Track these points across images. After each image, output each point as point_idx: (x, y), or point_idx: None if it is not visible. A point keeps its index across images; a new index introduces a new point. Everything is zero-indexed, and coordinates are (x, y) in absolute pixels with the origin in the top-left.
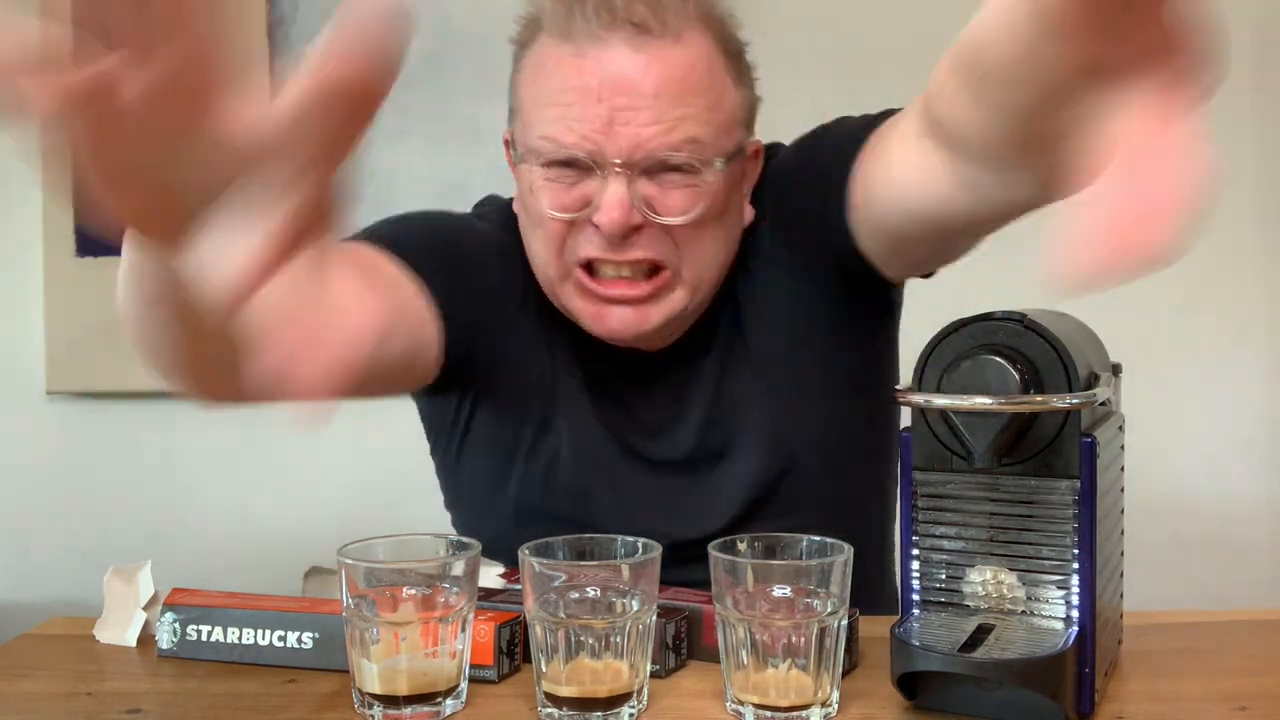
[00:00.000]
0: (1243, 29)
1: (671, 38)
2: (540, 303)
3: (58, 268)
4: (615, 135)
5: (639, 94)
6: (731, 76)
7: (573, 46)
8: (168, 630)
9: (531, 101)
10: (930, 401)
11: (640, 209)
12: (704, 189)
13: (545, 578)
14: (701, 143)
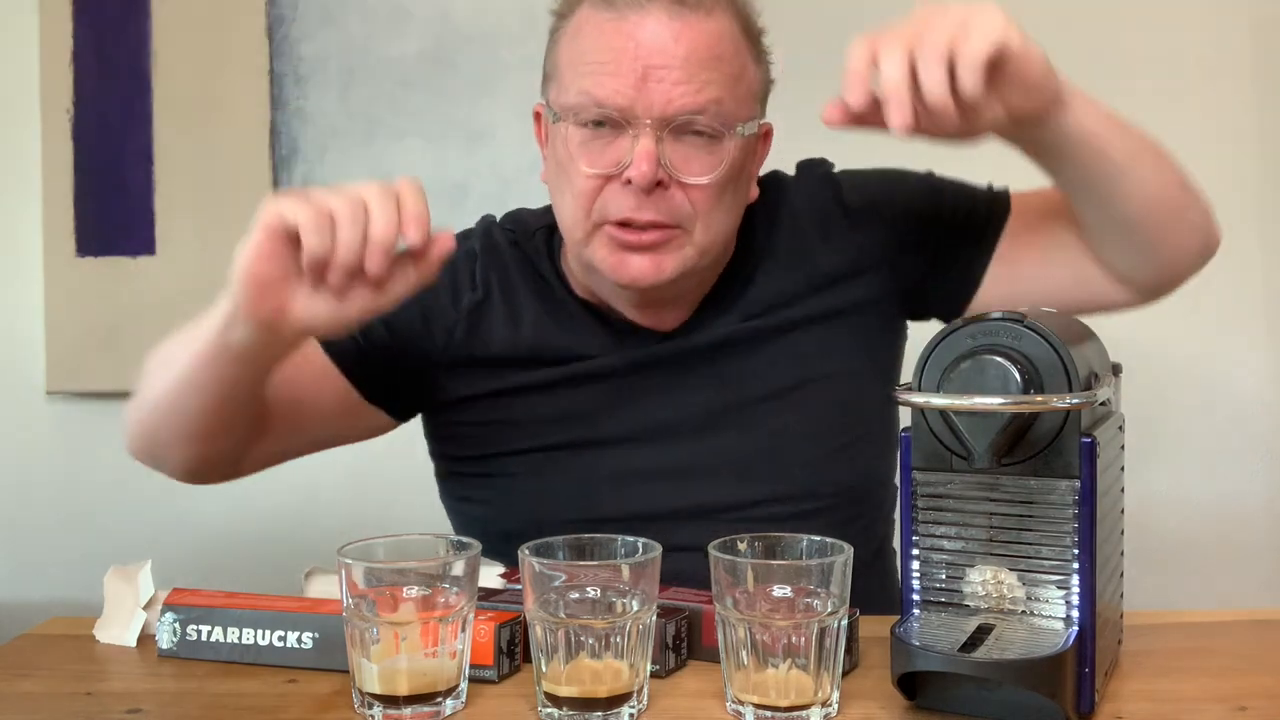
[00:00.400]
0: (1242, 29)
1: (704, 11)
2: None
3: (58, 268)
4: (648, 91)
5: (672, 55)
6: (752, 55)
7: (613, 12)
8: (168, 630)
9: (568, 63)
10: (930, 401)
11: (666, 167)
12: (723, 153)
13: (545, 578)
14: (724, 105)
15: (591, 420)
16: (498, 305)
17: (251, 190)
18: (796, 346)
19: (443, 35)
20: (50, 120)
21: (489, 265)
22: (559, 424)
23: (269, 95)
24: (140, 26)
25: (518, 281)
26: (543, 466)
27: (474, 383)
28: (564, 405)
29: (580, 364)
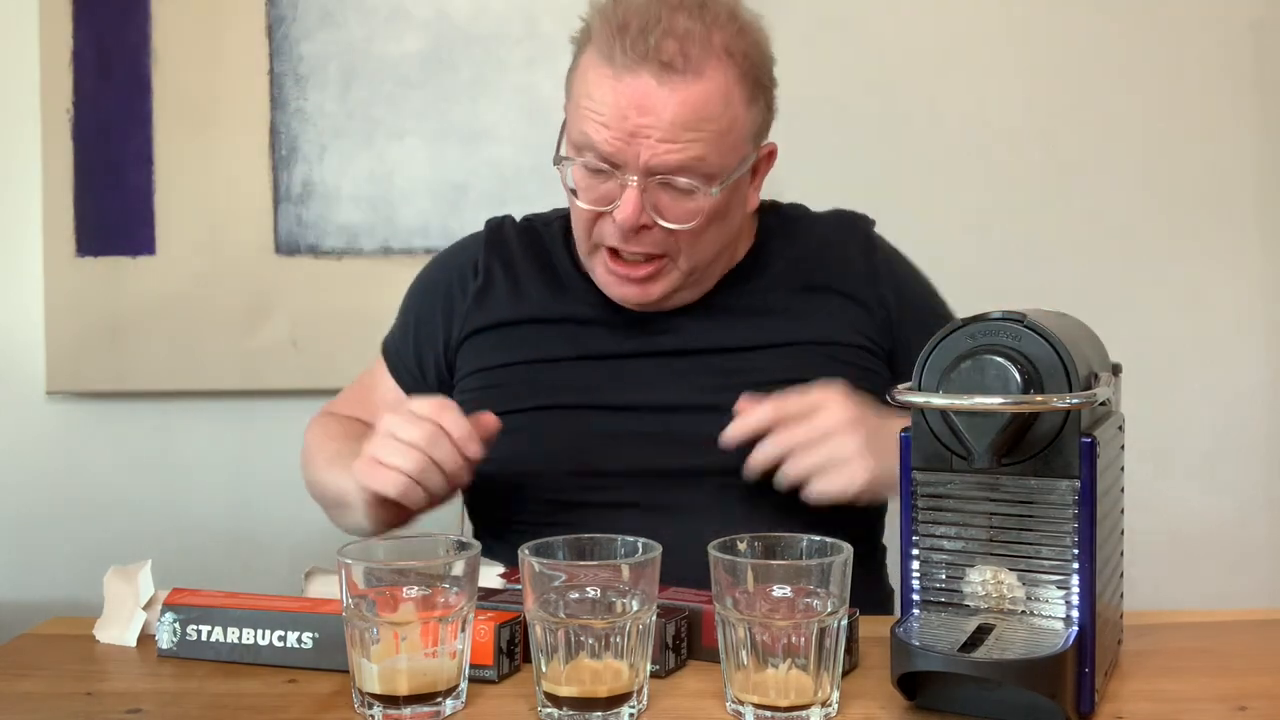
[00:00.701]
0: (1242, 29)
1: (693, 74)
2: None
3: (58, 268)
4: (635, 147)
5: (658, 118)
6: (746, 100)
7: (611, 69)
8: (167, 630)
9: (575, 98)
10: (930, 401)
11: (649, 213)
12: (703, 204)
13: (545, 578)
14: (706, 161)
15: (590, 390)
16: (500, 283)
17: (251, 190)
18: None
19: (443, 35)
20: (50, 120)
21: (491, 253)
22: (560, 391)
23: (269, 95)
24: (140, 26)
25: (521, 260)
26: (544, 423)
27: (484, 354)
28: (565, 376)
29: (580, 339)
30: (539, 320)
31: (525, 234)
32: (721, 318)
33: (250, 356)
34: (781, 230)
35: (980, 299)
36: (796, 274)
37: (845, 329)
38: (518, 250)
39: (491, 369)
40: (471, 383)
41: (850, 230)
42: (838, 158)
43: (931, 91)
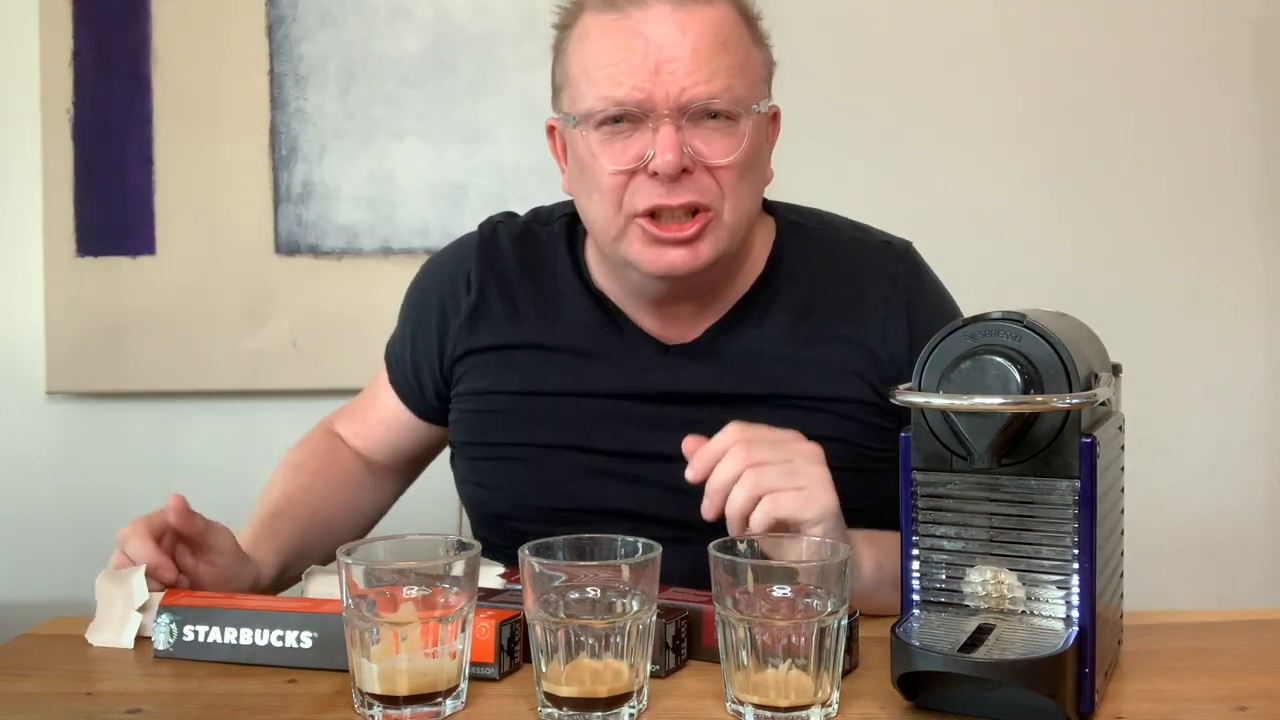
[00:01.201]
0: (1243, 29)
1: (705, 1)
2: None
3: (58, 268)
4: (662, 83)
5: (680, 47)
6: (753, 39)
7: (617, 13)
8: (164, 631)
9: (580, 70)
10: (930, 401)
11: (689, 154)
12: (741, 134)
13: (545, 578)
14: (735, 90)
15: (584, 431)
16: (495, 300)
17: (251, 190)
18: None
19: (443, 35)
20: (50, 120)
21: (484, 266)
22: (553, 428)
23: (269, 95)
24: (140, 26)
25: (517, 276)
26: (531, 459)
27: (478, 376)
28: (558, 413)
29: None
30: (535, 347)
31: (523, 242)
32: (721, 362)
33: (250, 356)
34: (798, 247)
35: (980, 299)
36: (806, 317)
37: (850, 382)
38: (513, 263)
39: (485, 394)
40: (466, 404)
41: (874, 266)
42: (838, 157)
43: (931, 91)
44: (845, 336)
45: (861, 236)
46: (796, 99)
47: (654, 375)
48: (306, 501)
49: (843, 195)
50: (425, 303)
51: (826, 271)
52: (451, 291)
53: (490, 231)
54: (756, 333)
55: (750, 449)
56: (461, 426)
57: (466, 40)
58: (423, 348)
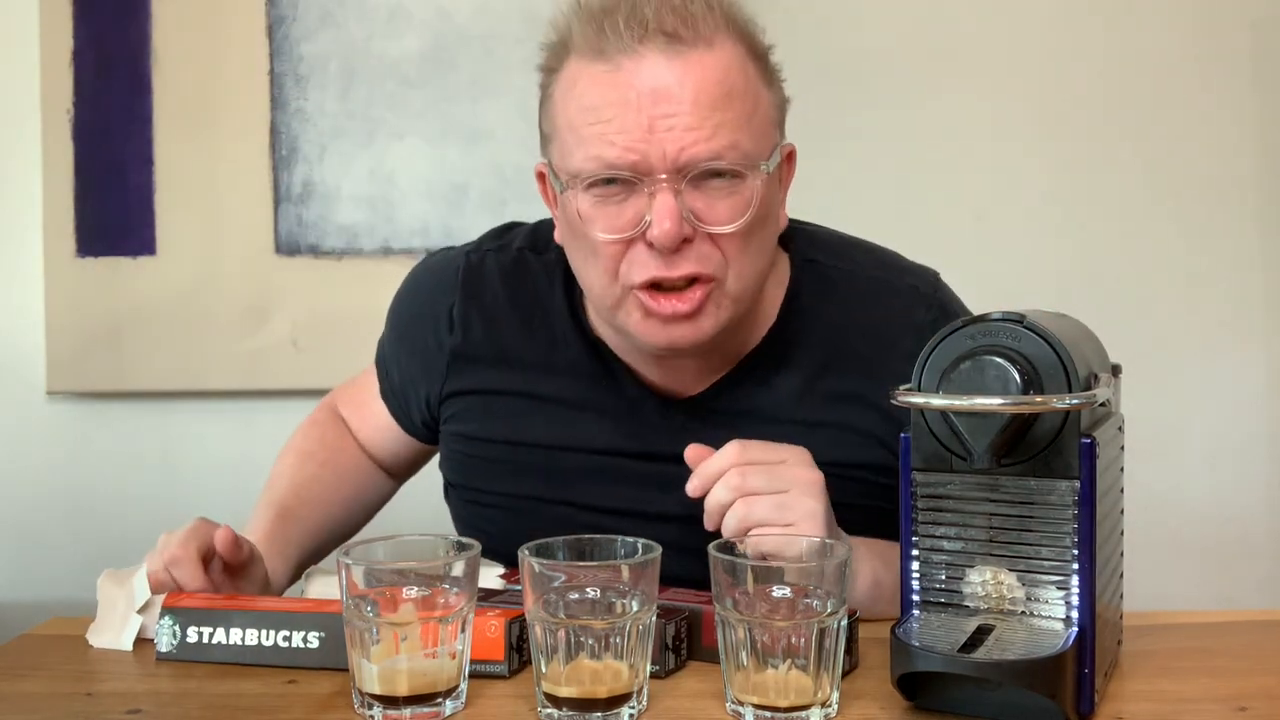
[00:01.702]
0: (1242, 29)
1: (704, 45)
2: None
3: (58, 268)
4: (658, 143)
5: (678, 101)
6: (763, 79)
7: (606, 63)
8: (167, 633)
9: (567, 124)
10: (930, 402)
11: (690, 220)
12: (749, 195)
13: (545, 578)
14: (742, 147)
15: (573, 486)
16: (481, 341)
17: (251, 190)
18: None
19: (443, 35)
20: (50, 120)
21: (469, 303)
22: (543, 482)
23: (269, 95)
24: (140, 26)
25: (505, 312)
26: (521, 510)
27: (466, 418)
28: (549, 466)
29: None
30: (525, 395)
31: (514, 275)
32: (726, 422)
33: (250, 357)
34: (816, 301)
35: (980, 299)
36: (821, 374)
37: (869, 448)
38: (502, 300)
39: (473, 439)
40: (454, 444)
41: (898, 316)
42: (837, 157)
43: (931, 91)
44: (865, 397)
45: (885, 277)
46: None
47: (653, 434)
48: (316, 496)
49: (842, 195)
50: (411, 329)
51: (846, 322)
52: (434, 326)
53: (478, 262)
54: (766, 391)
55: (745, 476)
56: (451, 466)
57: (466, 40)
58: (408, 378)
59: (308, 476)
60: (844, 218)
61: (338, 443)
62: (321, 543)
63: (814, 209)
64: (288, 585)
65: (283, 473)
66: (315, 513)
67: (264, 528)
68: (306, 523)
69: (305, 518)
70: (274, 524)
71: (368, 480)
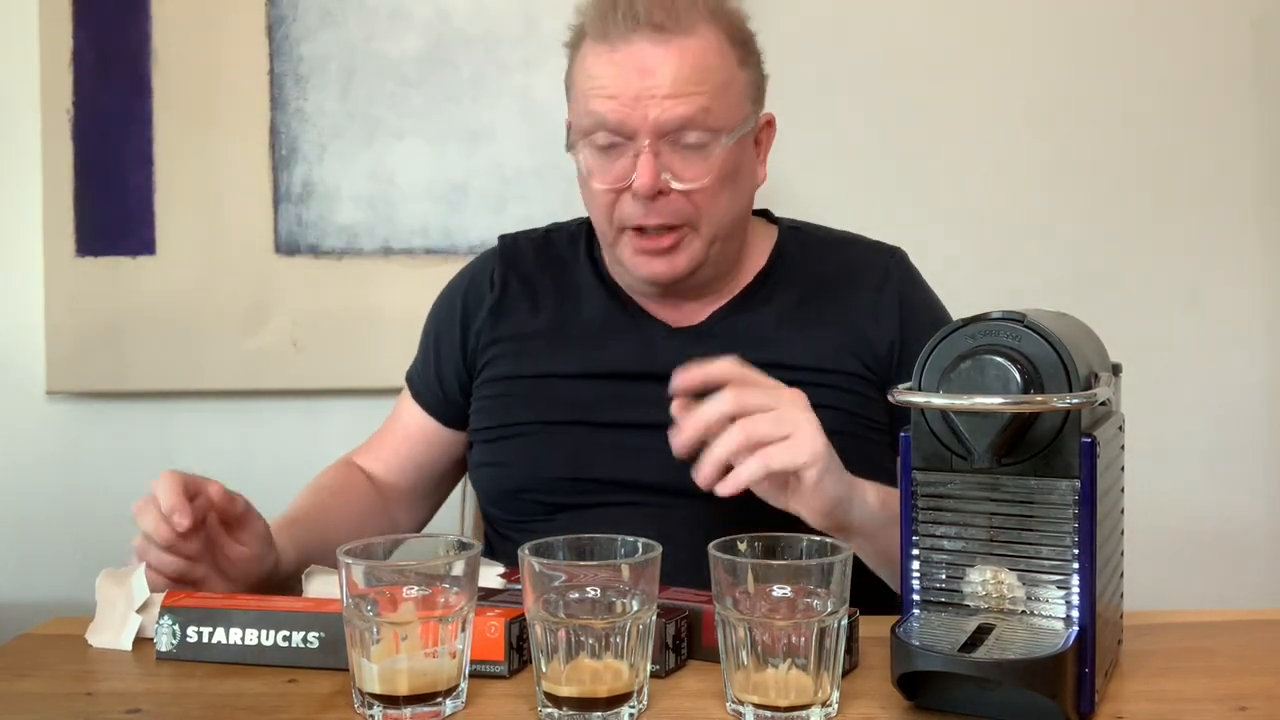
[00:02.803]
0: (1242, 28)
1: (685, 32)
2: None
3: (58, 268)
4: (642, 108)
5: (660, 75)
6: (739, 59)
7: (608, 45)
8: (166, 633)
9: (578, 87)
10: (930, 401)
11: (665, 177)
12: (715, 160)
13: (545, 578)
14: (712, 114)
15: (591, 407)
16: (517, 296)
17: (251, 190)
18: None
19: (443, 35)
20: (50, 120)
21: (507, 266)
22: (564, 406)
23: (269, 95)
24: (140, 26)
25: (537, 273)
26: (546, 435)
27: (499, 364)
28: (572, 393)
29: (588, 357)
30: (553, 335)
31: (542, 246)
32: (722, 341)
33: (250, 356)
34: (798, 254)
35: (980, 299)
36: (801, 308)
37: (842, 357)
38: (534, 264)
39: (503, 379)
40: (485, 390)
41: (867, 264)
42: (838, 157)
43: (931, 92)
44: (838, 319)
45: (855, 238)
46: (796, 98)
47: (660, 354)
48: (320, 518)
49: (842, 195)
50: (448, 307)
51: (822, 266)
52: (475, 292)
53: (511, 240)
54: (756, 316)
55: (740, 394)
56: (482, 413)
57: (466, 40)
58: (446, 347)
59: (315, 503)
60: (842, 219)
61: (346, 479)
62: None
63: (814, 210)
64: (295, 571)
65: (294, 502)
66: (320, 528)
67: (275, 524)
68: (312, 530)
69: (311, 526)
70: (283, 524)
71: (374, 512)
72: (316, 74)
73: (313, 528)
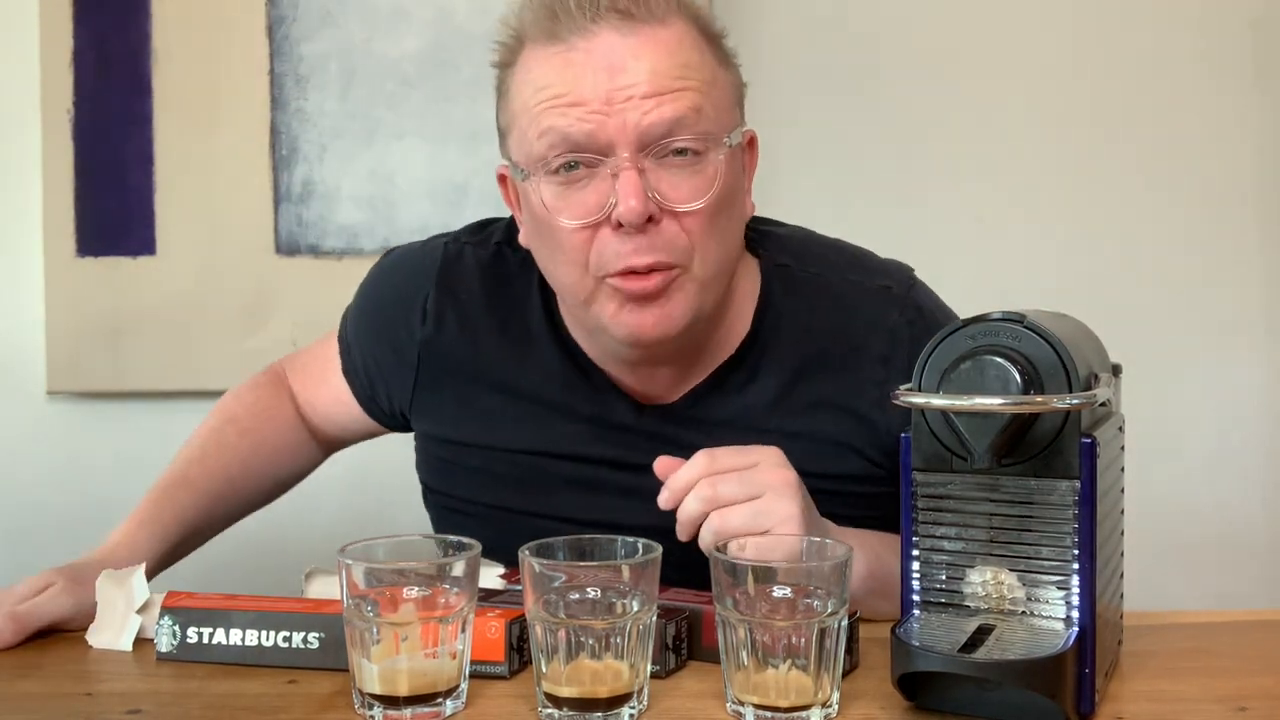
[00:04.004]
0: (1242, 29)
1: (657, 20)
2: None
3: (58, 268)
4: (618, 111)
5: (634, 73)
6: (717, 58)
7: (561, 44)
8: (166, 634)
9: (522, 107)
10: (930, 402)
11: (655, 200)
12: (713, 172)
13: (545, 578)
14: (704, 113)
15: (548, 498)
16: (453, 335)
17: (251, 190)
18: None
19: (443, 35)
20: (50, 120)
21: (444, 295)
22: (518, 491)
23: (269, 95)
24: (140, 26)
25: (479, 305)
26: (496, 520)
27: (441, 422)
28: (527, 473)
29: (544, 430)
30: (499, 390)
31: (491, 271)
32: (702, 430)
33: (250, 356)
34: (788, 308)
35: (980, 299)
36: (795, 382)
37: (844, 458)
38: (478, 294)
39: (447, 442)
40: (428, 446)
41: (871, 321)
42: (838, 158)
43: (932, 92)
44: (838, 404)
45: (857, 280)
46: (796, 98)
47: (629, 442)
48: (222, 464)
49: (842, 196)
50: (382, 314)
51: (818, 328)
52: (406, 316)
53: (456, 254)
54: (740, 399)
55: (716, 486)
56: (427, 469)
57: (466, 40)
58: (374, 362)
59: (219, 443)
60: (842, 219)
61: (269, 411)
62: (214, 511)
63: (814, 210)
64: (161, 561)
65: (199, 434)
66: (214, 481)
67: (149, 499)
68: (200, 492)
69: (200, 488)
70: (162, 493)
71: (291, 454)
72: (316, 74)
73: (202, 489)
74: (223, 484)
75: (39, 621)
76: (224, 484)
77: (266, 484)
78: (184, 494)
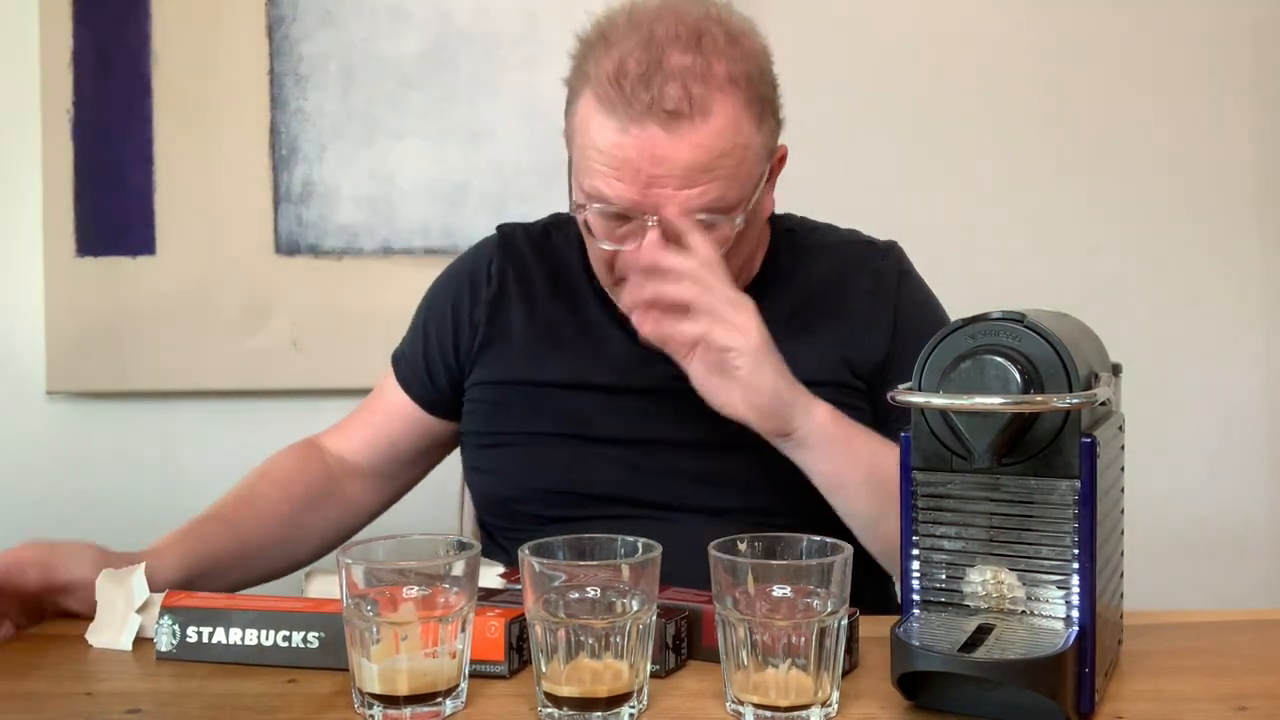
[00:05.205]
0: (1243, 29)
1: (701, 116)
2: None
3: (58, 268)
4: (652, 197)
5: (672, 165)
6: (755, 122)
7: (616, 122)
8: (166, 633)
9: (579, 149)
10: (930, 401)
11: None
12: (726, 234)
13: (545, 578)
14: (725, 199)
15: (584, 420)
16: (513, 294)
17: (251, 190)
18: None
19: (443, 35)
20: (50, 120)
21: (505, 259)
22: (559, 418)
23: (269, 95)
24: (140, 26)
25: (534, 269)
26: (539, 446)
27: (493, 368)
28: (564, 404)
29: (583, 366)
30: (548, 339)
31: (541, 242)
32: None
33: (250, 357)
34: (791, 255)
35: (980, 299)
36: (792, 319)
37: (834, 369)
38: (532, 259)
39: (493, 383)
40: (477, 393)
41: (858, 266)
42: (838, 158)
43: (932, 92)
44: (829, 330)
45: (848, 237)
46: (797, 97)
47: (651, 368)
48: (252, 508)
49: (843, 194)
50: (442, 297)
51: (816, 274)
52: (471, 285)
53: (510, 232)
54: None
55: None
56: (474, 416)
57: (466, 40)
58: (436, 338)
59: (251, 494)
60: (843, 218)
61: (299, 463)
62: (249, 554)
63: (813, 210)
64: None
65: (231, 490)
66: (245, 524)
67: (182, 527)
68: (231, 528)
69: (232, 524)
70: (196, 523)
71: (322, 502)
72: (316, 74)
73: (233, 526)
74: (253, 525)
75: (63, 575)
76: (254, 525)
77: (303, 531)
78: (214, 529)
